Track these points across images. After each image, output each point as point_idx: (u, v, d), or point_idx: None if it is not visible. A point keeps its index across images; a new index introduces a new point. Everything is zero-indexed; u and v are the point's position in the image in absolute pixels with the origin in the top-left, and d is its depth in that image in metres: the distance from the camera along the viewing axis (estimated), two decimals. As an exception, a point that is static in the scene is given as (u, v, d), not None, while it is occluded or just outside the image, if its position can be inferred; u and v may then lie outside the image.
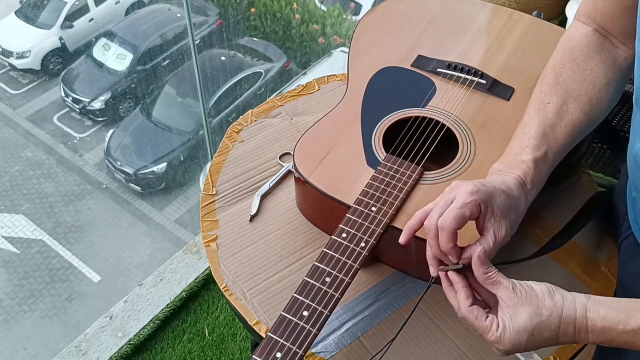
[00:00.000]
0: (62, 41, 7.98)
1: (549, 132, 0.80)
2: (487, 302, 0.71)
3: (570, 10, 2.44)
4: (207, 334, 1.79)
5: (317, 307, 0.72)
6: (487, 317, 0.67)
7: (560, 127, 0.81)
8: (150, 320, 1.78)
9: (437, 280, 0.90)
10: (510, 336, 0.66)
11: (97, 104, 7.44)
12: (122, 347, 1.72)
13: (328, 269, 0.76)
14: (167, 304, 1.81)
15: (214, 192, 1.00)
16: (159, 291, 1.84)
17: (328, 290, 0.74)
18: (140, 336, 1.75)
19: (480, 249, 0.69)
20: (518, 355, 0.82)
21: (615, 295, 0.90)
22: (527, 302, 0.66)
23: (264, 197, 0.99)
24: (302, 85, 1.17)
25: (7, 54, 7.90)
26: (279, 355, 0.68)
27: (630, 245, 0.87)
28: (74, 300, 5.80)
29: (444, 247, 0.71)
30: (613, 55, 0.85)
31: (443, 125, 0.95)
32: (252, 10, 7.70)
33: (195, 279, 1.86)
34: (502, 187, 0.74)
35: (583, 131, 0.83)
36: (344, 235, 0.79)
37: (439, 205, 0.72)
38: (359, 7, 7.68)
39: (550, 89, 0.84)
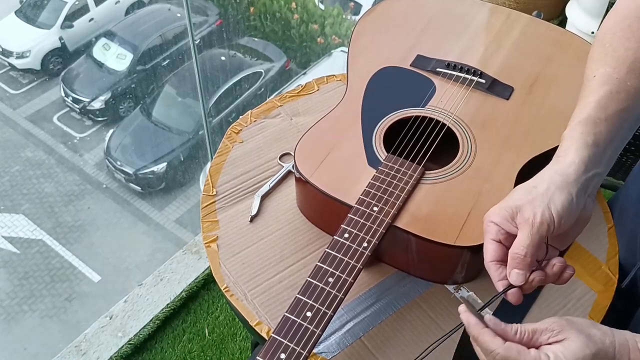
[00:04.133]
0: (62, 41, 7.97)
1: (592, 100, 0.71)
2: None
3: (571, 11, 2.44)
4: (207, 334, 1.79)
5: (321, 307, 0.72)
6: (532, 351, 0.58)
7: (611, 92, 0.71)
8: (150, 320, 1.78)
9: (439, 280, 0.90)
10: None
11: (97, 104, 7.44)
12: (122, 347, 1.72)
13: (331, 270, 0.76)
14: (167, 304, 1.81)
15: (214, 193, 1.00)
16: (159, 291, 1.84)
17: (331, 290, 0.74)
18: (140, 336, 1.75)
19: (489, 318, 0.61)
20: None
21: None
22: (576, 332, 0.58)
23: (264, 197, 0.99)
24: (302, 86, 1.17)
25: (7, 54, 7.90)
26: (283, 356, 0.68)
27: None
28: (74, 300, 5.80)
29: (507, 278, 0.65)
30: None
31: (443, 124, 0.95)
32: (252, 9, 7.70)
33: (195, 279, 1.86)
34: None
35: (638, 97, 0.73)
36: (346, 235, 0.79)
37: None
38: (358, 6, 7.68)
39: (596, 62, 0.75)
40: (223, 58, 7.52)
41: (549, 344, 0.59)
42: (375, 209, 0.82)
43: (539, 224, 0.64)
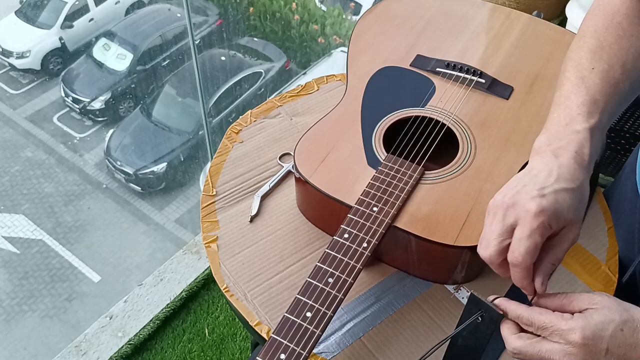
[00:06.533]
0: (62, 41, 7.97)
1: (599, 99, 0.70)
2: None
3: (570, 11, 2.44)
4: (207, 334, 1.79)
5: (321, 308, 0.72)
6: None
7: (610, 95, 0.71)
8: (150, 320, 1.78)
9: (439, 280, 0.90)
10: (591, 323, 0.57)
11: (97, 104, 7.44)
12: (122, 347, 1.72)
13: (331, 270, 0.76)
14: (167, 304, 1.81)
15: (214, 193, 1.00)
16: (159, 291, 1.84)
17: (331, 291, 0.73)
18: (140, 336, 1.75)
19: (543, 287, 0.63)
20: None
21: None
22: (613, 301, 0.58)
23: (264, 197, 0.99)
24: (301, 86, 1.17)
25: (7, 54, 7.90)
26: (283, 356, 0.68)
27: None
28: (74, 300, 5.80)
29: (520, 283, 0.64)
30: None
31: (443, 124, 0.95)
32: (252, 10, 7.70)
33: (195, 279, 1.86)
34: (564, 186, 0.64)
35: (626, 101, 0.75)
36: (345, 235, 0.79)
37: (495, 230, 0.64)
38: (358, 7, 7.67)
39: (592, 54, 0.74)
40: (223, 58, 7.52)
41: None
42: (375, 209, 0.82)
43: (574, 243, 0.66)
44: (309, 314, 0.71)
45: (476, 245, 0.71)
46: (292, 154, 0.92)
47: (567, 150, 0.67)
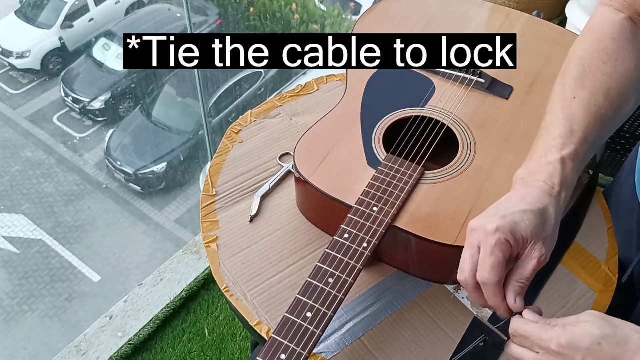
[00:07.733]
0: (62, 41, 7.98)
1: (576, 129, 0.73)
2: None
3: (570, 11, 2.44)
4: (207, 334, 1.79)
5: (321, 308, 0.72)
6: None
7: (590, 123, 0.73)
8: (150, 320, 1.78)
9: (439, 280, 0.90)
10: (567, 334, 0.59)
11: (97, 104, 7.44)
12: (122, 347, 1.72)
13: (331, 270, 0.76)
14: (167, 304, 1.81)
15: (214, 193, 1.00)
16: (159, 291, 1.84)
17: (331, 291, 0.74)
18: (140, 336, 1.75)
19: (528, 312, 0.65)
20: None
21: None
22: (595, 316, 0.60)
23: (264, 197, 0.99)
24: (301, 86, 1.17)
25: (7, 54, 7.90)
26: (283, 357, 0.68)
27: None
28: (74, 300, 5.80)
29: (493, 302, 0.67)
30: None
31: (443, 124, 0.95)
32: (252, 10, 7.70)
33: (195, 279, 1.86)
34: (523, 208, 0.68)
35: (611, 128, 0.77)
36: (346, 235, 0.79)
37: (466, 256, 0.68)
38: (358, 7, 7.67)
39: (575, 82, 0.76)
40: (223, 58, 7.49)
41: None
42: (375, 209, 0.82)
43: (543, 263, 0.67)
44: (309, 314, 0.71)
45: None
46: (292, 154, 0.92)
47: (537, 180, 0.71)
